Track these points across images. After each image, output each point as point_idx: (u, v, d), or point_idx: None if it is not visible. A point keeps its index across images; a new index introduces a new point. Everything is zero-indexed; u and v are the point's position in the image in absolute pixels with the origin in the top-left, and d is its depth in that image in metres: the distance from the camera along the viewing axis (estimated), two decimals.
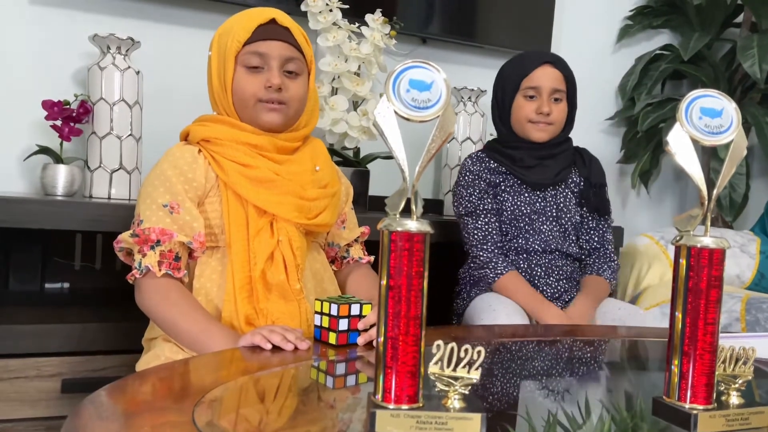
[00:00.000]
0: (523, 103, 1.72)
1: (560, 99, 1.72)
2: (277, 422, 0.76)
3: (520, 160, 1.73)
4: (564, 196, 1.75)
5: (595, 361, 1.22)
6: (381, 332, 0.69)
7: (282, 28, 1.27)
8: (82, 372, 1.43)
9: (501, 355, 1.14)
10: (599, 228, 1.77)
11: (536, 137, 1.71)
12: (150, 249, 1.16)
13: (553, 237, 1.71)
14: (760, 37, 2.38)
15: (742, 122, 0.78)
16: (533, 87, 1.70)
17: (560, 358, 1.20)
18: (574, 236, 1.75)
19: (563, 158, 1.76)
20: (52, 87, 1.82)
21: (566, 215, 1.74)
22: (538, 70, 1.70)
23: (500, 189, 1.72)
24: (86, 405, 0.73)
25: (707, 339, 0.75)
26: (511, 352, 1.18)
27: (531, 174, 1.72)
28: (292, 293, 1.21)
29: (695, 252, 0.75)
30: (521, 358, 1.16)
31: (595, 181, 1.77)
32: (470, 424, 0.68)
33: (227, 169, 1.22)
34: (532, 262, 1.69)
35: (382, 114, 0.70)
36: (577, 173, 1.78)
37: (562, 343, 1.29)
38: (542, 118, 1.70)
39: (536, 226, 1.70)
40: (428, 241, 0.70)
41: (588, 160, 1.79)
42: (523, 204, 1.71)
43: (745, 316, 1.92)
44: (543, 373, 1.07)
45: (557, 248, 1.70)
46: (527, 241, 1.69)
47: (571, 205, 1.75)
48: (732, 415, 0.75)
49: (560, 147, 1.76)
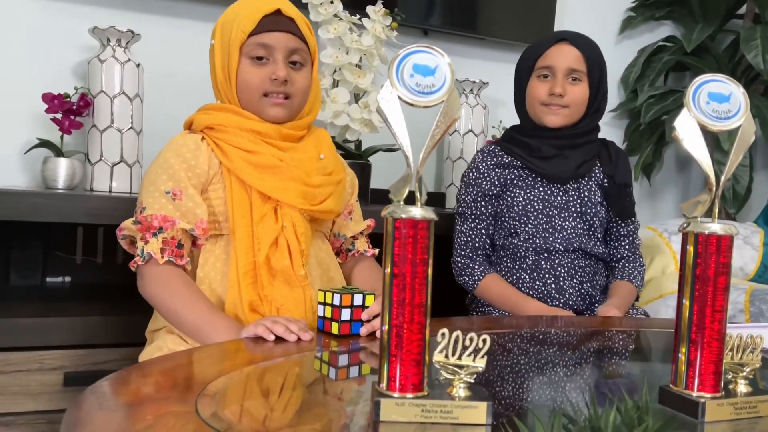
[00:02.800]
0: (536, 83, 1.58)
1: (578, 79, 1.56)
2: (281, 413, 0.75)
3: (537, 150, 1.58)
4: (588, 189, 1.60)
5: (601, 352, 1.22)
6: (385, 320, 0.68)
7: (287, 18, 1.26)
8: (84, 365, 1.42)
9: (506, 346, 1.13)
10: (629, 234, 1.66)
11: (549, 121, 1.57)
12: (152, 236, 1.15)
13: (577, 235, 1.58)
14: (763, 29, 2.37)
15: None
16: (547, 66, 1.56)
17: (565, 348, 1.20)
18: (601, 234, 1.62)
19: (586, 149, 1.61)
20: (52, 80, 1.81)
21: (591, 210, 1.59)
22: (552, 48, 1.56)
23: (511, 185, 1.60)
24: (87, 395, 0.73)
25: (715, 326, 0.74)
26: (516, 342, 1.18)
27: (548, 166, 1.58)
28: (297, 279, 1.20)
29: (703, 239, 0.75)
30: (526, 349, 1.16)
31: (620, 181, 1.62)
32: (475, 412, 0.67)
33: (231, 155, 1.21)
34: (555, 262, 1.56)
35: (385, 99, 0.69)
36: (600, 169, 1.63)
37: (567, 334, 1.28)
38: (555, 100, 1.55)
39: (557, 223, 1.57)
40: (432, 229, 0.69)
41: (614, 156, 1.64)
42: (536, 199, 1.58)
43: (749, 307, 1.92)
44: (548, 364, 1.06)
45: (581, 247, 1.58)
46: (546, 240, 1.56)
47: (597, 200, 1.60)
48: (740, 403, 0.75)
49: (584, 137, 1.60)
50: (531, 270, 1.59)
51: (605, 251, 1.65)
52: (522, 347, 1.17)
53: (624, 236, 1.67)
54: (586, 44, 1.59)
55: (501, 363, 1.01)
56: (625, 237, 1.67)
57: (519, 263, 1.60)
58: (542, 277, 1.58)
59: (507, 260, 1.62)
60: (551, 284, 1.58)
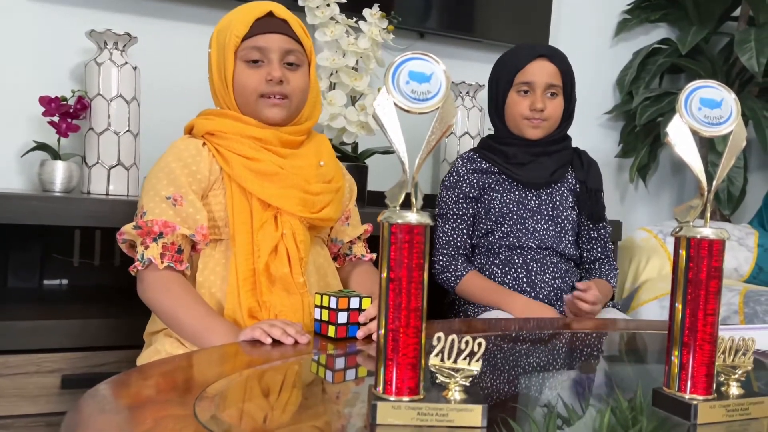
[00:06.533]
0: (516, 99, 1.66)
1: (556, 94, 1.66)
2: (279, 416, 0.76)
3: (513, 157, 1.67)
4: (560, 194, 1.69)
5: (594, 354, 1.23)
6: (382, 324, 0.69)
7: (279, 20, 1.27)
8: (82, 368, 1.43)
9: (501, 348, 1.14)
10: (601, 238, 1.72)
11: (530, 134, 1.66)
12: (153, 241, 1.16)
13: (549, 236, 1.65)
14: (757, 31, 2.38)
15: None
16: (527, 82, 1.64)
17: (560, 350, 1.20)
18: (572, 236, 1.69)
19: (560, 156, 1.70)
20: (49, 83, 1.82)
21: (563, 214, 1.67)
22: (532, 64, 1.64)
23: (489, 189, 1.67)
24: (87, 399, 0.73)
25: (707, 330, 0.75)
26: (511, 344, 1.19)
27: (524, 172, 1.66)
28: (296, 286, 1.21)
29: (695, 243, 0.76)
30: (521, 351, 1.17)
31: (592, 186, 1.70)
32: (471, 415, 0.68)
33: (232, 162, 1.22)
34: (527, 257, 1.63)
35: (381, 106, 0.70)
36: (573, 175, 1.72)
37: (561, 335, 1.29)
38: (536, 114, 1.64)
39: (530, 224, 1.64)
40: (428, 233, 0.70)
41: (586, 164, 1.73)
42: (512, 202, 1.65)
43: (744, 308, 1.93)
44: (543, 366, 1.07)
45: (552, 246, 1.64)
46: (520, 239, 1.64)
47: (568, 204, 1.69)
48: (732, 406, 0.75)
49: (557, 145, 1.70)
50: (503, 265, 1.65)
51: (576, 253, 1.71)
52: (514, 349, 1.17)
53: (596, 239, 1.73)
54: (561, 59, 1.67)
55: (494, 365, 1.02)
56: (597, 240, 1.73)
57: (492, 259, 1.66)
58: (514, 271, 1.64)
59: (481, 257, 1.68)
60: (523, 278, 1.63)
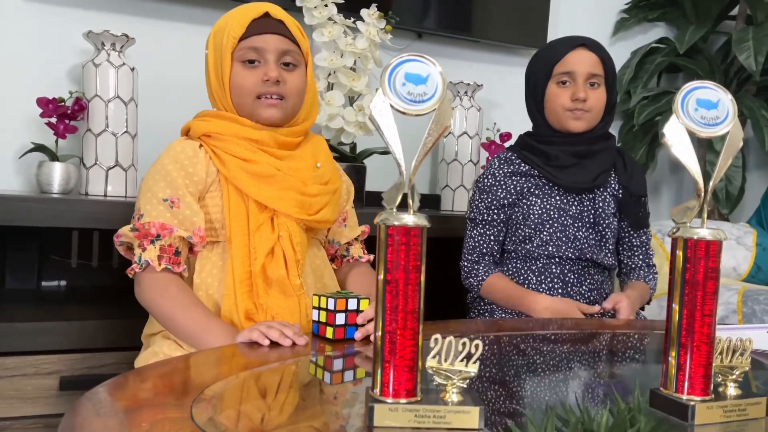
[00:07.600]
0: (557, 91, 1.58)
1: (598, 84, 1.57)
2: (276, 418, 0.76)
3: (555, 159, 1.59)
4: (603, 200, 1.60)
5: (594, 354, 1.23)
6: (379, 326, 0.69)
7: (276, 21, 1.26)
8: (80, 369, 1.43)
9: (499, 348, 1.14)
10: (643, 245, 1.67)
11: (573, 126, 1.57)
12: (150, 243, 1.16)
13: (589, 246, 1.58)
14: (755, 30, 2.39)
15: (737, 114, 0.78)
16: (567, 72, 1.56)
17: (559, 350, 1.20)
18: (612, 245, 1.62)
19: (603, 158, 1.61)
20: (46, 84, 1.82)
21: (605, 221, 1.59)
22: (571, 54, 1.57)
23: (528, 193, 1.60)
24: (84, 402, 0.73)
25: (704, 330, 0.75)
26: (509, 345, 1.19)
27: (566, 176, 1.58)
28: (292, 288, 1.21)
29: (692, 244, 0.76)
30: (519, 351, 1.17)
31: (636, 192, 1.62)
32: (468, 417, 0.68)
33: (228, 163, 1.22)
34: (565, 268, 1.58)
35: (378, 108, 0.70)
36: (615, 179, 1.63)
37: (561, 335, 1.29)
38: (579, 105, 1.55)
39: (570, 232, 1.58)
40: (425, 235, 0.70)
41: (630, 167, 1.64)
42: (552, 208, 1.58)
43: (742, 308, 1.93)
44: (541, 366, 1.07)
45: (591, 257, 1.58)
46: (559, 249, 1.57)
47: (610, 211, 1.60)
48: (729, 406, 0.75)
49: (600, 143, 1.61)
50: (540, 272, 1.60)
51: (614, 262, 1.65)
52: (516, 349, 1.17)
53: (637, 246, 1.68)
54: (601, 49, 1.61)
55: (497, 365, 1.02)
56: (638, 247, 1.68)
57: (528, 265, 1.61)
58: (550, 280, 1.59)
59: (517, 262, 1.63)
60: (558, 288, 1.58)
